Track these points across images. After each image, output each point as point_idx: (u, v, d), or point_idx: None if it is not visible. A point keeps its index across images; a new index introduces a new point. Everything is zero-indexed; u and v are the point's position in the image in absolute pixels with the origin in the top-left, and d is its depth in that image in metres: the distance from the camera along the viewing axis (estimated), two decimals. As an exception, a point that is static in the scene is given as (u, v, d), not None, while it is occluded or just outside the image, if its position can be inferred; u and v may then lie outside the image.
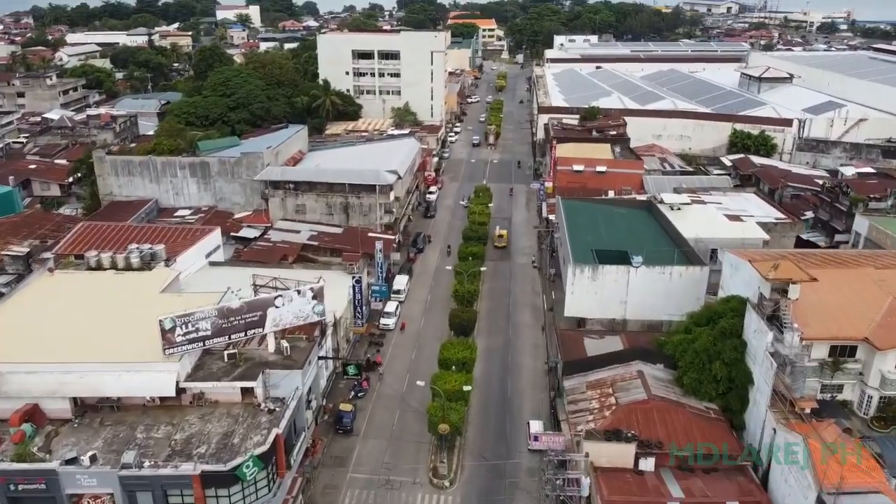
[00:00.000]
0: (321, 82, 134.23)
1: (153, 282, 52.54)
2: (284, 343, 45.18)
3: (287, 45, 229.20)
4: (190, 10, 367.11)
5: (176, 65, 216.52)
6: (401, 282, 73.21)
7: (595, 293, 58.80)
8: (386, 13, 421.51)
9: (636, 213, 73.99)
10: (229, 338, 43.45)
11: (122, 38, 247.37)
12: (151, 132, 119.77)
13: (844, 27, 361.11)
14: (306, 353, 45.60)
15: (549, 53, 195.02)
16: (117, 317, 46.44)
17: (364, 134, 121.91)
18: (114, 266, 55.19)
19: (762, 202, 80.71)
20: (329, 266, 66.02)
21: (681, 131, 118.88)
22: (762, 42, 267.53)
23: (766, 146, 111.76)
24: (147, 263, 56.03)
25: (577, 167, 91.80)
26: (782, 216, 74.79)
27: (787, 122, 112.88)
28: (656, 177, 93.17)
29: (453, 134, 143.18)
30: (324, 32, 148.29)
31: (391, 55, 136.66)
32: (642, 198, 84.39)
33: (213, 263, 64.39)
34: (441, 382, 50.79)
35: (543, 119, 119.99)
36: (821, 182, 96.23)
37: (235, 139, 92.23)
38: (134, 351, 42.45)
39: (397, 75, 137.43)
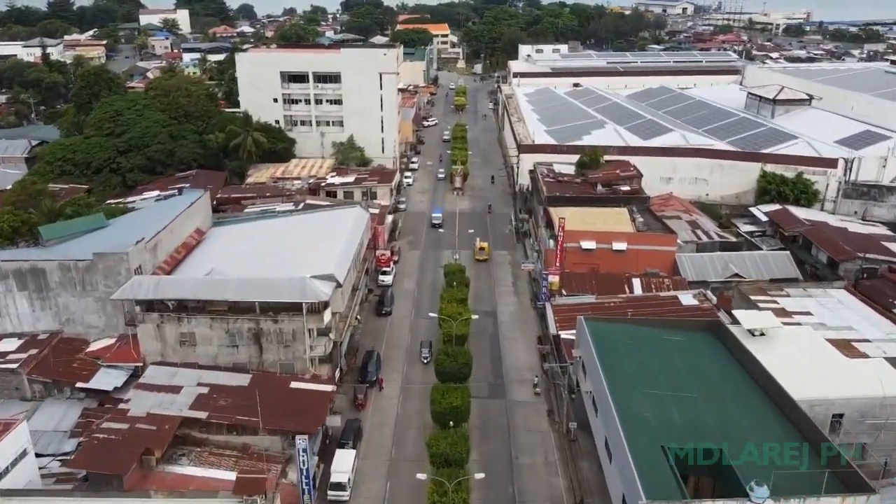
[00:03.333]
0: (241, 114, 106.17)
1: None
2: None
3: (214, 57, 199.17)
4: (110, 15, 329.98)
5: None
6: (343, 465, 46.47)
7: (683, 545, 33.42)
8: (329, 16, 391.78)
9: (698, 341, 49.00)
10: None
11: (19, 50, 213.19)
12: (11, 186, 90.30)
13: (808, 29, 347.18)
14: None
15: (514, 66, 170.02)
16: None
17: (297, 182, 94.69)
18: None
19: (861, 306, 56.72)
20: (216, 481, 39.11)
21: (695, 173, 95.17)
22: (736, 48, 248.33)
23: (806, 194, 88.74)
24: None
25: (586, 244, 67.04)
26: (909, 338, 50.81)
27: (832, 163, 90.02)
28: (692, 255, 68.74)
29: (409, 173, 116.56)
30: (245, 49, 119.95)
31: (330, 77, 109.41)
32: (687, 295, 59.87)
33: (7, 493, 36.69)
34: None
35: (526, 162, 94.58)
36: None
37: (100, 218, 63.92)
38: None
39: (339, 102, 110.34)
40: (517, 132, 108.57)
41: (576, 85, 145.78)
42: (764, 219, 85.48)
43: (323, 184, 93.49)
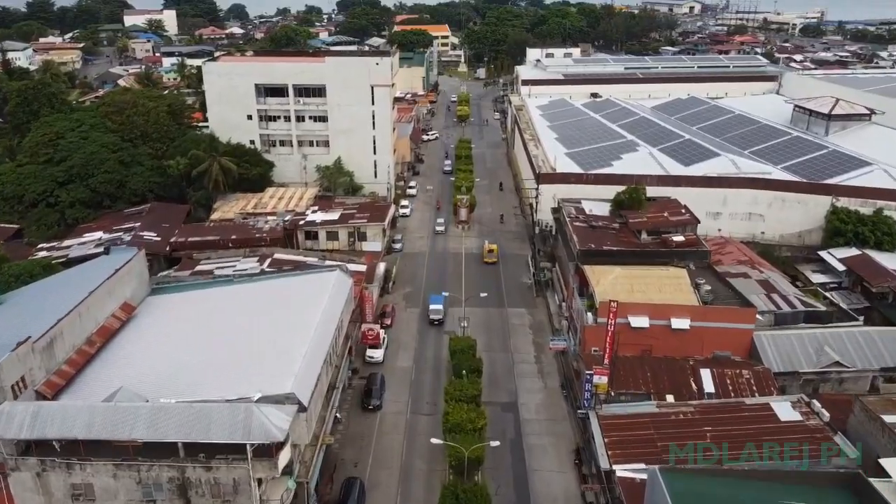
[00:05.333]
0: (207, 134, 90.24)
1: None
2: None
3: (194, 61, 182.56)
4: (93, 17, 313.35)
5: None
6: None
7: None
8: (324, 16, 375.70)
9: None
10: None
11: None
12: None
13: (825, 29, 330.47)
14: None
15: (523, 72, 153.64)
16: None
17: (271, 218, 78.98)
18: None
19: None
20: None
21: (749, 207, 79.46)
22: (757, 49, 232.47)
23: (890, 235, 72.70)
24: None
25: (637, 322, 50.89)
26: None
27: (918, 197, 74.20)
28: (775, 334, 52.57)
29: (406, 201, 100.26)
30: (215, 58, 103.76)
31: (314, 90, 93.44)
32: (784, 405, 44.02)
33: None
34: None
35: (547, 197, 78.34)
36: None
37: (-9, 293, 48.10)
38: None
39: (323, 119, 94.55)
40: (532, 154, 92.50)
41: (594, 95, 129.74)
42: (840, 267, 69.75)
43: (301, 222, 77.57)
